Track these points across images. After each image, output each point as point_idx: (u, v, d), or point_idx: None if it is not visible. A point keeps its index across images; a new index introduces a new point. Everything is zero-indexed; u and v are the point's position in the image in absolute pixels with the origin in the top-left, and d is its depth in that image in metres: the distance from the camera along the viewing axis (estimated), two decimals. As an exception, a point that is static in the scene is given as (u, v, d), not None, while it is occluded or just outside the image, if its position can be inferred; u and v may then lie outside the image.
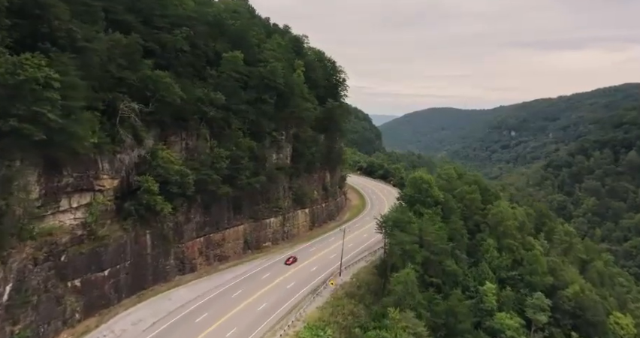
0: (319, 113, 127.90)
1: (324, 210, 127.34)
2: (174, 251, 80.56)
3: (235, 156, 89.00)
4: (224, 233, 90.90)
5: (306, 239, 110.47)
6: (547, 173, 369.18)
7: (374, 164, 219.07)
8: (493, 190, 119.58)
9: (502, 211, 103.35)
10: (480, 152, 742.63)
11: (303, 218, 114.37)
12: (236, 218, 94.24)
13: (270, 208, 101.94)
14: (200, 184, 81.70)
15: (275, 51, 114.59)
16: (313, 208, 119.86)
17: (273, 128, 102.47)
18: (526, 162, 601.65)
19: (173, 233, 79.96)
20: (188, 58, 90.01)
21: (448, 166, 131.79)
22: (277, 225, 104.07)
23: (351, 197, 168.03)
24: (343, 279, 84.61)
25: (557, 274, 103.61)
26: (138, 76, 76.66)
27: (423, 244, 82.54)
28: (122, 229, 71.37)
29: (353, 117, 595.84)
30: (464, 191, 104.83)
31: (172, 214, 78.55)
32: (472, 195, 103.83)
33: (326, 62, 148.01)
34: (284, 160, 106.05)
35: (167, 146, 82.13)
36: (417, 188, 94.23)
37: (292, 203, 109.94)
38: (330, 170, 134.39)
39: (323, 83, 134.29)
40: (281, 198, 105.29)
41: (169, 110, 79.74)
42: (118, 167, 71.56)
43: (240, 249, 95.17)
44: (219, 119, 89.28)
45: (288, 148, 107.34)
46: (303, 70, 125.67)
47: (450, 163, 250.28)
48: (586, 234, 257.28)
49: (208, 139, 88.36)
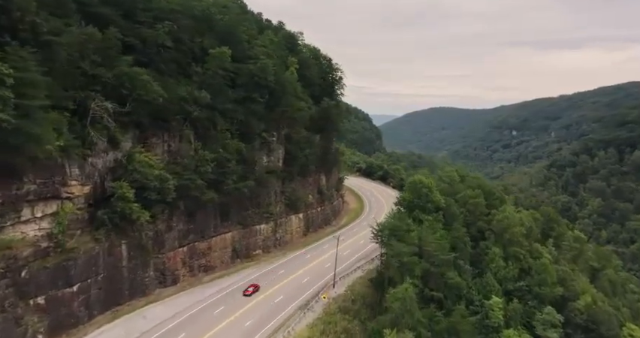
0: (314, 112, 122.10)
1: (320, 215, 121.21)
2: (154, 262, 74.52)
3: (221, 159, 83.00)
4: (210, 242, 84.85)
5: (300, 246, 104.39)
6: (550, 173, 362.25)
7: (373, 165, 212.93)
8: (498, 194, 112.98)
9: (508, 217, 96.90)
10: (481, 151, 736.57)
11: (296, 223, 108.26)
12: (224, 225, 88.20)
13: (260, 214, 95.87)
14: (182, 190, 75.77)
15: (266, 48, 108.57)
16: (308, 213, 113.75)
17: (263, 129, 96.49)
18: (527, 162, 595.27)
19: (152, 242, 73.96)
20: (171, 54, 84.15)
21: (449, 168, 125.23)
22: (268, 232, 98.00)
23: (349, 199, 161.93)
24: (337, 291, 78.45)
25: (568, 284, 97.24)
26: (114, 73, 70.71)
27: (423, 255, 76.32)
28: (93, 240, 65.33)
29: (353, 117, 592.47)
30: (467, 196, 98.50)
31: (151, 222, 72.59)
32: (475, 200, 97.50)
33: (322, 60, 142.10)
34: (275, 163, 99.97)
35: (147, 148, 76.33)
36: (416, 193, 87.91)
37: (285, 208, 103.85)
38: (326, 173, 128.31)
39: (318, 82, 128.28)
40: (272, 203, 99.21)
41: (148, 110, 73.94)
42: (89, 173, 65.57)
43: (228, 258, 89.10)
44: (204, 119, 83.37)
45: (279, 150, 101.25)
46: (297, 68, 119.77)
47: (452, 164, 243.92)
48: (591, 236, 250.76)
49: (192, 141, 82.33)
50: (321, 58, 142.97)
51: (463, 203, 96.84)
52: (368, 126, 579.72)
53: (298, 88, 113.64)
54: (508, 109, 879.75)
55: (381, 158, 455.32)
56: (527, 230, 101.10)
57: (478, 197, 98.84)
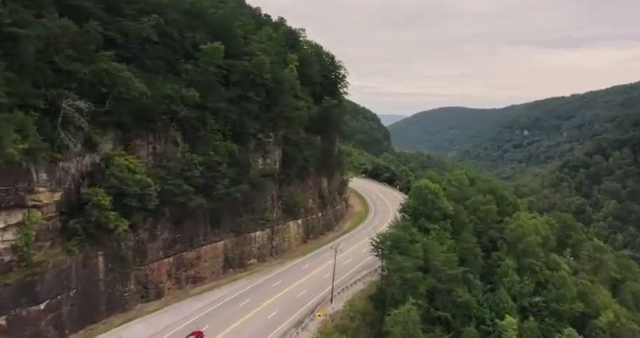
0: (315, 112, 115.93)
1: (321, 220, 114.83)
2: (135, 274, 68.59)
3: (211, 162, 76.96)
4: (199, 251, 78.82)
5: (299, 255, 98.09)
6: (563, 174, 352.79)
7: (379, 166, 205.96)
8: (510, 199, 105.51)
9: (522, 225, 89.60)
10: (491, 151, 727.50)
11: (295, 230, 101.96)
12: (215, 232, 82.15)
13: (255, 220, 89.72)
14: (166, 195, 69.84)
15: (264, 44, 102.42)
16: (307, 218, 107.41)
17: (258, 130, 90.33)
18: (539, 162, 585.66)
19: (133, 253, 68.07)
20: (157, 50, 78.42)
21: (458, 171, 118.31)
22: (264, 239, 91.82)
23: (353, 203, 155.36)
24: (335, 307, 71.95)
25: (588, 299, 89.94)
26: (91, 69, 65.04)
27: (429, 269, 69.70)
28: (65, 251, 59.53)
29: (361, 117, 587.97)
30: (478, 202, 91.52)
31: (131, 231, 66.82)
32: (486, 206, 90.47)
33: (324, 57, 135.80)
34: (272, 165, 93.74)
35: (130, 151, 70.66)
36: (421, 200, 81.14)
37: (282, 213, 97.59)
38: (328, 176, 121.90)
39: (319, 80, 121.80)
40: (268, 209, 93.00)
41: (130, 109, 68.29)
42: (61, 178, 59.80)
43: (220, 269, 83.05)
44: (193, 119, 77.38)
45: (276, 152, 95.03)
46: (297, 66, 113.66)
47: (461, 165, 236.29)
48: (607, 240, 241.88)
49: (179, 142, 76.37)
50: (323, 55, 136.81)
51: (473, 209, 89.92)
52: (376, 126, 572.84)
53: (297, 86, 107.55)
54: (519, 108, 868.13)
55: (389, 159, 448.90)
56: (543, 240, 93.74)
57: (490, 203, 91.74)
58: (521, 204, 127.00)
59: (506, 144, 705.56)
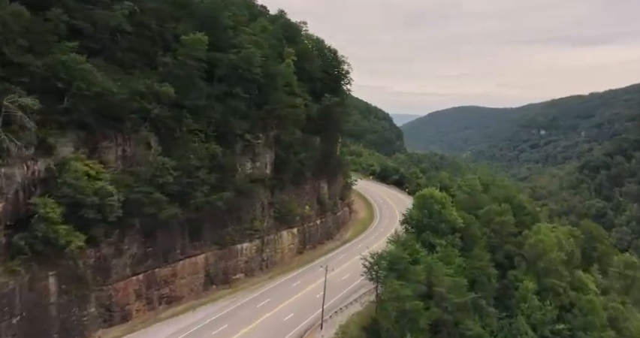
0: (314, 111, 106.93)
1: (320, 228, 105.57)
2: (96, 296, 60.05)
3: (188, 167, 68.29)
4: (174, 267, 70.17)
5: (293, 268, 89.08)
6: (582, 176, 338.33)
7: (388, 168, 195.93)
8: (529, 208, 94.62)
9: (543, 240, 79.11)
10: (507, 151, 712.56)
11: (289, 240, 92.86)
12: (194, 245, 73.49)
13: (242, 230, 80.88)
14: (133, 205, 61.37)
15: (257, 36, 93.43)
16: (304, 227, 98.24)
17: (246, 130, 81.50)
18: (557, 162, 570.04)
19: (93, 272, 59.54)
20: (131, 41, 70.14)
21: (470, 176, 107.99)
22: (253, 252, 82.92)
23: (358, 207, 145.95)
24: (325, 334, 62.71)
25: (620, 326, 79.42)
26: (45, 61, 56.89)
27: (432, 296, 60.12)
28: (8, 272, 51.27)
29: (372, 117, 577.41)
30: (492, 212, 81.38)
31: (91, 247, 58.43)
32: (502, 218, 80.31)
33: (326, 52, 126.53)
34: (262, 169, 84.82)
35: (97, 154, 62.72)
36: (426, 210, 71.39)
37: (274, 222, 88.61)
38: (329, 179, 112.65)
39: (320, 76, 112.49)
40: (258, 217, 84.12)
41: (93, 107, 60.02)
42: (2, 187, 51.49)
43: (200, 286, 74.33)
44: (168, 118, 68.83)
45: (267, 154, 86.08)
46: (295, 60, 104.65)
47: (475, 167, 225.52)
48: (629, 246, 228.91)
49: (152, 144, 67.84)
50: (325, 49, 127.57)
51: (486, 221, 79.96)
52: (388, 126, 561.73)
53: (294, 82, 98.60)
54: (535, 107, 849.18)
55: (400, 160, 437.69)
56: (568, 256, 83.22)
57: (506, 213, 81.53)
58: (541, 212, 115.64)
59: (522, 144, 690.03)
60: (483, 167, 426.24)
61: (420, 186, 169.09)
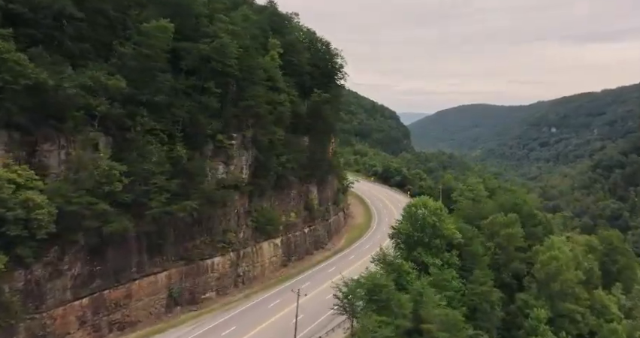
0: (303, 108, 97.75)
1: (308, 237, 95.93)
2: (26, 326, 50.85)
3: (143, 172, 59.06)
4: (129, 288, 60.92)
5: (275, 283, 79.57)
6: (595, 175, 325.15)
7: (390, 169, 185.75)
8: (541, 216, 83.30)
9: (558, 257, 68.29)
10: (517, 150, 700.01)
11: (270, 252, 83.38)
12: (154, 262, 64.24)
13: (212, 243, 71.53)
14: (72, 218, 52.28)
15: (237, 25, 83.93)
16: (289, 236, 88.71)
17: (218, 129, 72.17)
18: (568, 161, 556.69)
19: (23, 297, 50.38)
20: (82, 28, 61.08)
21: (473, 179, 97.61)
22: (226, 267, 73.53)
23: (355, 211, 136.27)
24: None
25: (649, 358, 69.29)
26: (-38, 50, 48.11)
27: (421, 333, 50.01)
28: None
29: (379, 115, 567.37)
30: (497, 223, 70.97)
31: (19, 269, 49.40)
32: (509, 230, 69.87)
33: (318, 44, 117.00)
34: (237, 174, 75.37)
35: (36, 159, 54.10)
36: (417, 224, 61.00)
37: (252, 233, 79.22)
38: (319, 183, 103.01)
39: (309, 70, 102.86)
40: (232, 228, 74.75)
41: (27, 104, 51.31)
42: None
43: (162, 308, 65.05)
44: (121, 116, 59.75)
45: (243, 157, 76.67)
46: (281, 53, 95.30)
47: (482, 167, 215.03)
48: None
49: (101, 147, 58.71)
50: (317, 42, 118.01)
51: (490, 233, 69.75)
52: (395, 125, 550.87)
53: (278, 76, 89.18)
54: (546, 105, 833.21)
55: (407, 159, 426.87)
56: (586, 274, 72.64)
57: (513, 224, 71.06)
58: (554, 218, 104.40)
59: (532, 142, 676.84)
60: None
61: (423, 188, 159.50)
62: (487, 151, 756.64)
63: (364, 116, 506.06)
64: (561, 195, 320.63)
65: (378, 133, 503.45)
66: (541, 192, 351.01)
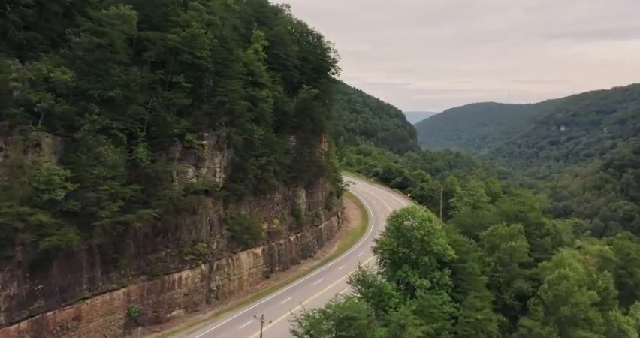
0: (292, 105, 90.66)
1: (294, 246, 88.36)
2: (-54, 357, 44.00)
3: (91, 177, 51.85)
4: (79, 308, 53.76)
5: (253, 298, 72.20)
6: (607, 175, 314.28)
7: (391, 169, 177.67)
8: (549, 226, 73.97)
9: (568, 276, 59.32)
10: (526, 148, 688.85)
11: (250, 263, 75.93)
12: (110, 278, 57.01)
13: (180, 255, 64.16)
14: (1, 231, 45.31)
15: (214, 15, 76.64)
16: (271, 245, 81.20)
17: (187, 128, 64.87)
18: (578, 160, 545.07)
19: (-59, 324, 43.51)
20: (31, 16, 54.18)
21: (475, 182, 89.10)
22: (195, 281, 66.21)
23: (351, 215, 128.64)
24: None
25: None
26: None
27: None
28: None
29: (385, 114, 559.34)
30: (498, 236, 62.34)
31: None
32: (512, 244, 61.27)
33: (309, 37, 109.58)
34: (209, 177, 67.99)
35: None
36: (403, 238, 52.66)
37: (228, 242, 71.79)
38: (308, 187, 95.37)
39: (298, 64, 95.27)
40: (203, 238, 67.39)
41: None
42: None
43: (119, 329, 57.84)
44: (70, 113, 52.69)
45: (217, 159, 69.22)
46: (266, 46, 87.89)
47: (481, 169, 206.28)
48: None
49: (44, 148, 51.64)
50: (309, 35, 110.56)
51: (490, 246, 61.48)
52: (400, 123, 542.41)
53: (261, 71, 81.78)
54: (555, 103, 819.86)
55: (413, 158, 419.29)
56: (601, 294, 64.03)
57: (517, 237, 62.43)
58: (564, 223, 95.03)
59: (542, 141, 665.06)
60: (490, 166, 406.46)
61: (424, 190, 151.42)
62: (496, 150, 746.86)
63: (370, 114, 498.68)
64: (571, 196, 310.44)
65: (383, 132, 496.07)
66: (551, 192, 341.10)
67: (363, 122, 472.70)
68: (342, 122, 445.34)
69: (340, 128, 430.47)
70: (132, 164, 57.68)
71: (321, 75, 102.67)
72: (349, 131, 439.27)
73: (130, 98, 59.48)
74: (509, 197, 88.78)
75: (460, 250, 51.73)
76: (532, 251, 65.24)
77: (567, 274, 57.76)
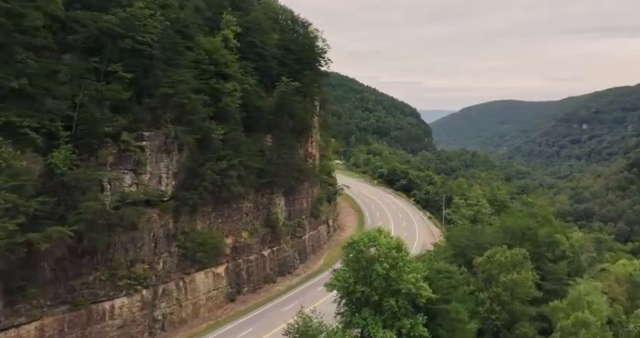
0: (271, 100, 79.75)
1: (270, 261, 76.86)
2: None
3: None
4: (-32, 351, 43.33)
5: (205, 330, 60.79)
6: (632, 175, 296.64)
7: (396, 171, 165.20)
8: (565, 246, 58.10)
9: (587, 322, 45.48)
10: (546, 147, 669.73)
11: (208, 285, 64.67)
12: (17, 310, 46.37)
13: (113, 279, 53.30)
14: None
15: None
16: (238, 262, 69.78)
17: (124, 126, 54.07)
18: (601, 159, 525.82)
19: None
20: None
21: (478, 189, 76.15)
22: (134, 310, 55.24)
23: (347, 222, 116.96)
24: None
25: None
26: None
27: None
28: None
29: (399, 112, 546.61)
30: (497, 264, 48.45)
31: None
32: (514, 276, 47.23)
33: (292, 24, 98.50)
34: (153, 185, 57.06)
35: None
36: (363, 272, 39.75)
37: (179, 261, 60.76)
38: (288, 193, 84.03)
39: (277, 54, 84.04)
40: (145, 258, 56.44)
41: None
42: None
43: (28, 373, 47.26)
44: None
45: (163, 162, 58.24)
46: (239, 33, 77.01)
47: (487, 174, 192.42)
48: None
49: None
50: (294, 23, 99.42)
51: (486, 278, 48.33)
52: (415, 122, 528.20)
53: (228, 60, 70.84)
54: (577, 100, 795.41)
55: (427, 158, 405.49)
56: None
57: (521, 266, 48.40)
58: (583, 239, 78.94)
59: (562, 139, 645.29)
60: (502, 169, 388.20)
61: (429, 194, 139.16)
62: (514, 149, 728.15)
63: (383, 112, 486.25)
64: (593, 197, 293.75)
65: (396, 130, 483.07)
66: (571, 194, 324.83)
67: (375, 120, 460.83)
68: (353, 121, 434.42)
69: (352, 126, 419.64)
70: (42, 172, 47.06)
71: (306, 67, 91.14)
72: (361, 129, 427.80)
73: (50, 90, 49.07)
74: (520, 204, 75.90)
75: (441, 285, 39.45)
76: (543, 279, 51.62)
77: (587, 320, 44.16)
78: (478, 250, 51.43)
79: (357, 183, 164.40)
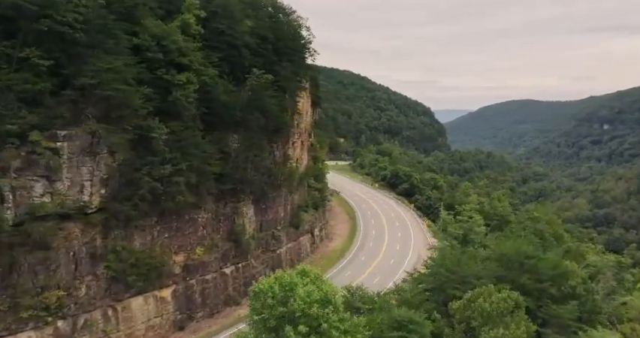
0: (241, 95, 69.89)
1: (232, 280, 66.56)
2: None
3: None
4: None
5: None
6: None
7: (398, 174, 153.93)
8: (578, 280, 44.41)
9: None
10: (565, 148, 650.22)
11: (149, 312, 54.79)
12: None
13: (17, 310, 43.75)
14: None
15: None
16: (190, 283, 59.73)
17: (34, 124, 44.57)
18: (623, 161, 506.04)
19: None
20: None
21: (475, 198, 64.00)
22: (44, 347, 45.66)
23: (338, 230, 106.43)
24: None
25: None
26: None
27: None
28: None
29: (411, 112, 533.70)
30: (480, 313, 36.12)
31: None
32: (501, 332, 34.92)
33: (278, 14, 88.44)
34: (74, 195, 47.39)
35: None
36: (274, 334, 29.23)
37: (110, 285, 50.95)
38: (260, 201, 73.79)
39: (250, 43, 73.89)
40: (62, 282, 46.79)
41: None
42: None
43: None
44: None
45: (86, 167, 48.47)
46: (203, 17, 67.35)
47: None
48: None
49: None
50: (276, 9, 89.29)
51: (465, 330, 36.22)
52: (428, 121, 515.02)
53: (184, 47, 61.05)
54: (598, 100, 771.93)
55: (440, 158, 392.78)
56: None
57: (512, 317, 35.39)
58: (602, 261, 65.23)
59: (583, 140, 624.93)
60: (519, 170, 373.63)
61: (430, 200, 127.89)
62: (533, 149, 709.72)
63: (395, 112, 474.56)
64: (614, 202, 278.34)
65: (409, 130, 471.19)
66: (591, 197, 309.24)
67: (387, 119, 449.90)
68: (364, 120, 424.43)
69: (362, 126, 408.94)
70: None
71: (285, 58, 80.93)
72: (372, 129, 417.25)
73: None
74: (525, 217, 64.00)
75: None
76: (543, 325, 39.55)
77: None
78: (463, 285, 39.91)
79: (357, 186, 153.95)
